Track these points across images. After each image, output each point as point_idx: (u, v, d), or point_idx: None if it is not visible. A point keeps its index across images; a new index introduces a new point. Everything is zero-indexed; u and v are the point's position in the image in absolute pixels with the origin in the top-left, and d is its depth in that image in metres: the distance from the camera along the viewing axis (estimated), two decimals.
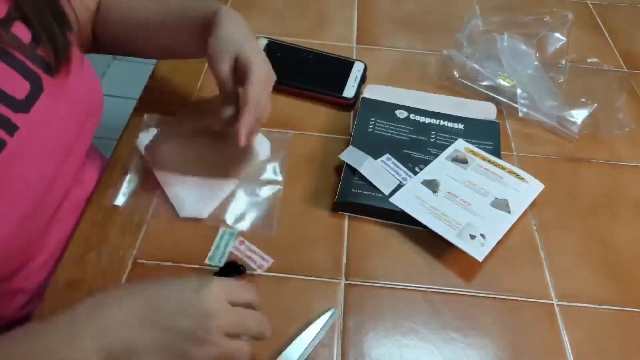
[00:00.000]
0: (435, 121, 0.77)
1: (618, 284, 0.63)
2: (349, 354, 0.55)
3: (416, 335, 0.57)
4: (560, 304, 0.60)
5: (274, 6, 0.99)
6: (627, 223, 0.69)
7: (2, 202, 0.51)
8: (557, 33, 0.88)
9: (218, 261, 0.60)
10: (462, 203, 0.66)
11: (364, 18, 0.98)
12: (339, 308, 0.58)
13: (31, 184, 0.54)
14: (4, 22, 0.52)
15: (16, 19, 0.53)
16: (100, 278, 0.58)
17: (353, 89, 0.81)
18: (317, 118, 0.79)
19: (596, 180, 0.74)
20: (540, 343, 0.57)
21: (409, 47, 0.93)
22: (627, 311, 0.60)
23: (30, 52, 0.54)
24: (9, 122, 0.50)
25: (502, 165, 0.71)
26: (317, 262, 0.62)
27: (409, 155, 0.72)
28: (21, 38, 0.53)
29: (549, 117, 0.80)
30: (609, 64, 0.93)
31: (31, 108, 0.53)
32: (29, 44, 0.54)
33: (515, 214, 0.66)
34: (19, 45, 0.53)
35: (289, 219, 0.66)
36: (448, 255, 0.63)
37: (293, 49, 0.87)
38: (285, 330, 0.55)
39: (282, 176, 0.70)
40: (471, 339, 0.57)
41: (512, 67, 0.84)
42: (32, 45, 0.54)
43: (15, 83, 0.52)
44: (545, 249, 0.65)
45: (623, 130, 0.80)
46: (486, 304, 0.60)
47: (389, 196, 0.66)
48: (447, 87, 0.85)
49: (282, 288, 0.59)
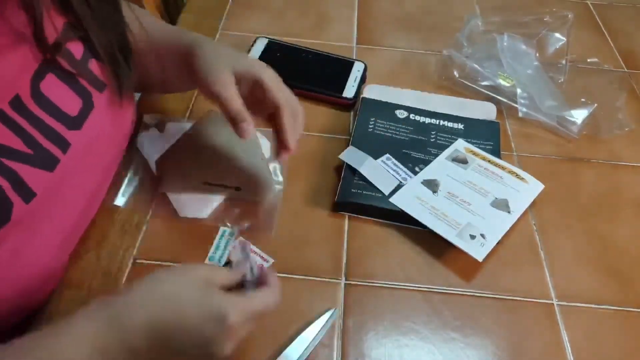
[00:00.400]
0: (435, 121, 0.77)
1: (618, 284, 0.63)
2: (349, 354, 0.55)
3: (416, 335, 0.57)
4: (560, 304, 0.60)
5: (274, 6, 0.99)
6: (627, 223, 0.69)
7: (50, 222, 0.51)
8: (557, 33, 0.88)
9: (218, 261, 0.60)
10: (462, 203, 0.66)
11: (364, 18, 0.98)
12: (339, 308, 0.58)
13: (76, 200, 0.54)
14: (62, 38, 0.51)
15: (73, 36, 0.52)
16: (100, 278, 0.58)
17: (353, 89, 0.81)
18: (317, 118, 0.79)
19: (596, 180, 0.74)
20: (540, 343, 0.57)
21: (409, 47, 0.93)
22: (627, 311, 0.60)
23: (83, 67, 0.53)
24: (62, 139, 0.50)
25: (502, 165, 0.71)
26: (317, 262, 0.62)
27: (409, 155, 0.72)
28: (73, 52, 0.53)
29: (549, 117, 0.80)
30: (609, 64, 0.93)
31: (83, 125, 0.53)
32: (81, 59, 0.53)
33: (515, 214, 0.66)
34: (72, 61, 0.52)
35: (289, 219, 0.66)
36: (448, 255, 0.63)
37: (293, 49, 0.87)
38: (285, 330, 0.55)
39: (282, 176, 0.70)
40: (471, 339, 0.57)
41: (512, 67, 0.84)
42: (83, 60, 0.53)
43: (68, 99, 0.51)
44: (545, 249, 0.65)
45: (623, 130, 0.80)
46: (486, 304, 0.60)
47: (389, 196, 0.66)
48: (447, 87, 0.85)
49: (282, 288, 0.59)
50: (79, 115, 0.52)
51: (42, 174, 0.48)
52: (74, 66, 0.52)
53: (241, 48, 0.86)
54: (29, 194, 0.47)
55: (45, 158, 0.49)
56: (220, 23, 0.94)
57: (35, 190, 0.47)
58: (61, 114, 0.50)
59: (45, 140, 0.49)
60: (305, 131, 0.76)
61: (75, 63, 0.52)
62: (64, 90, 0.51)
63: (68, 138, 0.51)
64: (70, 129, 0.51)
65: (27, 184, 0.47)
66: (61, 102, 0.51)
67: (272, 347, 0.54)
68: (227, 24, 0.94)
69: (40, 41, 0.46)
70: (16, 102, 0.47)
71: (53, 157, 0.49)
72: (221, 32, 0.92)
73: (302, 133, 0.62)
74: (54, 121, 0.50)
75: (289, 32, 0.93)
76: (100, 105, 0.55)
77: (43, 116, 0.49)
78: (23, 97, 0.47)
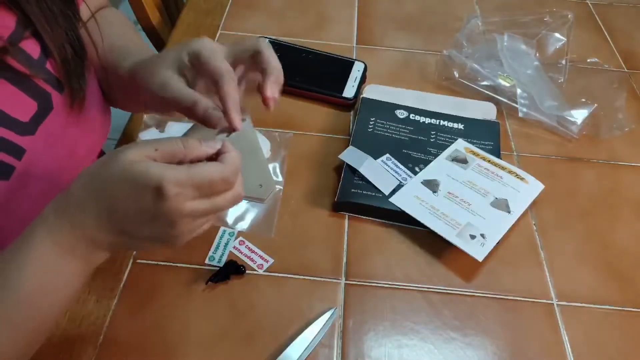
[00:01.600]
0: (435, 121, 0.77)
1: (618, 284, 0.63)
2: (349, 354, 0.55)
3: (416, 335, 0.57)
4: (560, 304, 0.60)
5: (274, 6, 0.99)
6: (627, 223, 0.69)
7: (12, 224, 0.49)
8: (557, 33, 0.88)
9: (218, 261, 0.60)
10: (462, 203, 0.66)
11: (364, 18, 0.98)
12: (339, 308, 0.58)
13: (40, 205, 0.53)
14: (13, 37, 0.49)
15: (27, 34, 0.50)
16: (100, 278, 0.58)
17: (353, 89, 0.81)
18: (317, 118, 0.79)
19: (596, 180, 0.74)
20: (540, 343, 0.57)
21: (409, 47, 0.93)
22: (627, 311, 0.60)
23: (40, 67, 0.51)
24: (14, 145, 0.49)
25: (502, 165, 0.71)
26: (317, 262, 0.62)
27: (409, 155, 0.72)
28: (30, 53, 0.50)
29: (549, 117, 0.80)
30: (609, 64, 0.93)
31: (37, 129, 0.51)
32: (38, 58, 0.51)
33: (515, 214, 0.66)
34: (27, 61, 0.50)
35: (289, 219, 0.66)
36: (448, 255, 0.63)
37: (293, 49, 0.87)
38: (285, 330, 0.55)
39: (282, 176, 0.70)
40: (471, 338, 0.57)
41: (512, 67, 0.84)
42: (41, 59, 0.51)
43: (20, 104, 0.49)
44: (545, 249, 0.65)
45: (623, 130, 0.80)
46: (486, 304, 0.60)
47: (388, 196, 0.66)
48: (447, 87, 0.85)
49: (282, 288, 0.59)
50: (31, 119, 0.50)
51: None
52: (29, 66, 0.49)
53: None
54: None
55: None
56: (220, 23, 0.94)
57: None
58: (11, 121, 0.48)
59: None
60: (305, 131, 0.76)
61: (31, 63, 0.50)
62: (14, 95, 0.49)
63: (21, 144, 0.49)
64: (21, 134, 0.49)
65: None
66: (10, 107, 0.48)
67: (272, 347, 0.54)
68: (227, 24, 0.94)
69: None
70: None
71: (6, 165, 0.48)
72: (221, 32, 0.92)
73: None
74: (3, 129, 0.48)
75: (289, 32, 0.93)
76: (61, 107, 0.53)
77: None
78: None
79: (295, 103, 0.81)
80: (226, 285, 0.59)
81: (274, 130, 0.75)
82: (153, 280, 0.59)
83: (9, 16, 0.49)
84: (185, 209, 0.39)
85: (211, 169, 0.40)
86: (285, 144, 0.74)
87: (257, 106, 0.52)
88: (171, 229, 0.40)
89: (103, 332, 0.55)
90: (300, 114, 0.79)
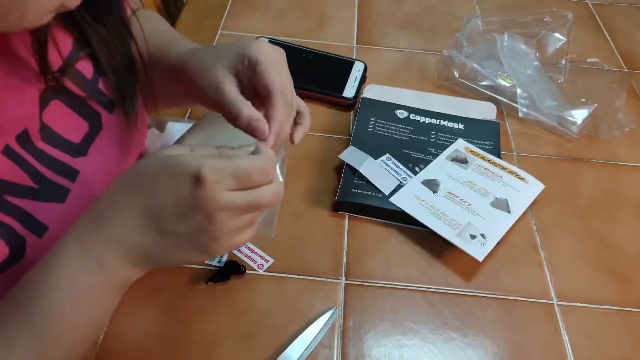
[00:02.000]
0: (435, 121, 0.77)
1: (618, 284, 0.63)
2: (349, 354, 0.55)
3: (416, 335, 0.57)
4: (560, 304, 0.60)
5: (274, 6, 0.99)
6: (626, 223, 0.69)
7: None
8: (557, 33, 0.88)
9: (218, 261, 0.60)
10: (462, 203, 0.66)
11: (364, 18, 0.98)
12: (339, 308, 0.58)
13: None
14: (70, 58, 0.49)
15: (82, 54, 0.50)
16: None
17: (353, 89, 0.81)
18: (317, 118, 0.79)
19: (596, 180, 0.74)
20: (540, 343, 0.57)
21: (409, 47, 0.93)
22: (627, 311, 0.60)
23: (93, 88, 0.51)
24: (69, 168, 0.49)
25: (502, 165, 0.71)
26: (317, 262, 0.62)
27: (409, 155, 0.72)
28: (83, 72, 0.50)
29: (549, 117, 0.80)
30: (609, 64, 0.93)
31: (89, 149, 0.51)
32: (91, 79, 0.51)
33: (515, 214, 0.66)
34: (82, 82, 0.50)
35: (289, 219, 0.66)
36: (448, 255, 0.63)
37: (293, 49, 0.87)
38: (285, 330, 0.55)
39: (282, 176, 0.70)
40: (471, 338, 0.57)
41: (512, 67, 0.84)
42: (93, 79, 0.51)
43: (72, 125, 0.50)
44: (545, 249, 0.65)
45: (623, 130, 0.80)
46: (486, 303, 0.60)
47: (389, 196, 0.66)
48: (447, 87, 0.85)
49: (282, 288, 0.59)
50: (82, 141, 0.50)
51: (52, 207, 0.47)
52: (83, 86, 0.50)
53: None
54: (41, 228, 0.46)
55: (53, 190, 0.47)
56: (220, 23, 0.94)
57: (47, 223, 0.46)
58: (65, 143, 0.49)
59: (50, 173, 0.47)
60: None
61: (85, 83, 0.50)
62: (68, 116, 0.49)
63: (75, 166, 0.49)
64: (75, 156, 0.49)
65: (37, 219, 0.46)
66: (64, 130, 0.49)
67: (272, 347, 0.54)
68: (227, 24, 0.94)
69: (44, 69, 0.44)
70: (24, 137, 0.45)
71: (61, 187, 0.48)
72: (221, 32, 0.92)
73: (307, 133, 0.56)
74: (59, 152, 0.48)
75: (289, 32, 0.93)
76: (109, 126, 0.53)
77: (46, 148, 0.47)
78: (31, 132, 0.45)
79: None
80: (226, 285, 0.59)
81: None
82: (153, 280, 0.59)
83: (66, 37, 0.49)
84: (223, 199, 0.38)
85: (250, 159, 0.40)
86: (286, 144, 0.73)
87: None
88: (209, 223, 0.38)
89: (103, 332, 0.55)
90: None
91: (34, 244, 0.45)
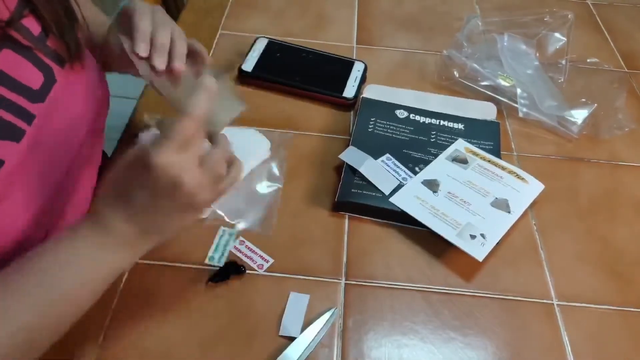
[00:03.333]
0: (435, 121, 0.77)
1: (618, 284, 0.63)
2: (349, 354, 0.55)
3: (416, 335, 0.57)
4: (560, 304, 0.60)
5: (274, 6, 0.99)
6: (627, 223, 0.69)
7: (22, 191, 0.51)
8: (557, 33, 0.88)
9: (218, 261, 0.60)
10: (462, 203, 0.66)
11: (364, 18, 0.98)
12: (339, 308, 0.58)
13: (49, 172, 0.55)
14: (16, 14, 0.52)
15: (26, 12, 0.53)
16: None
17: (353, 89, 0.81)
18: (317, 118, 0.79)
19: (596, 180, 0.74)
20: (540, 343, 0.57)
21: (409, 47, 0.93)
22: (627, 311, 0.60)
23: (40, 43, 0.54)
24: (26, 111, 0.51)
25: (502, 165, 0.71)
26: (317, 262, 0.62)
27: (409, 155, 0.72)
28: (30, 29, 0.54)
29: (549, 117, 0.80)
30: (609, 64, 0.93)
31: (46, 98, 0.54)
32: (39, 36, 0.54)
33: (515, 214, 0.66)
34: (30, 37, 0.53)
35: (289, 218, 0.66)
36: (448, 255, 0.63)
37: (293, 49, 0.87)
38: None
39: (282, 176, 0.70)
40: (471, 338, 0.57)
41: (512, 67, 0.84)
42: (41, 37, 0.54)
43: (29, 74, 0.52)
44: (545, 249, 0.65)
45: (623, 130, 0.80)
46: (486, 304, 0.60)
47: (389, 196, 0.66)
48: (447, 87, 0.85)
49: (282, 288, 0.59)
50: (41, 88, 0.53)
51: (7, 145, 0.49)
52: (31, 41, 0.53)
53: (241, 48, 0.86)
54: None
55: (9, 129, 0.50)
56: (220, 23, 0.94)
57: (3, 158, 0.49)
58: (22, 88, 0.51)
59: (6, 114, 0.49)
60: (305, 131, 0.76)
61: (33, 38, 0.53)
62: (23, 64, 0.52)
63: (31, 110, 0.52)
64: (33, 101, 0.52)
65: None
66: (21, 75, 0.51)
67: (272, 347, 0.54)
68: (227, 24, 0.94)
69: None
70: None
71: (17, 128, 0.50)
72: (221, 32, 0.92)
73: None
74: (15, 95, 0.50)
75: (289, 32, 0.93)
76: (62, 80, 0.56)
77: (2, 91, 0.50)
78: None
79: (295, 103, 0.81)
80: (226, 285, 0.59)
81: (274, 130, 0.75)
82: (153, 280, 0.59)
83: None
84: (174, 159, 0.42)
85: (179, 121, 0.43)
86: (285, 144, 0.74)
87: (257, 107, 0.52)
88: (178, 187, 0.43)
89: (103, 331, 0.55)
90: (300, 114, 0.79)
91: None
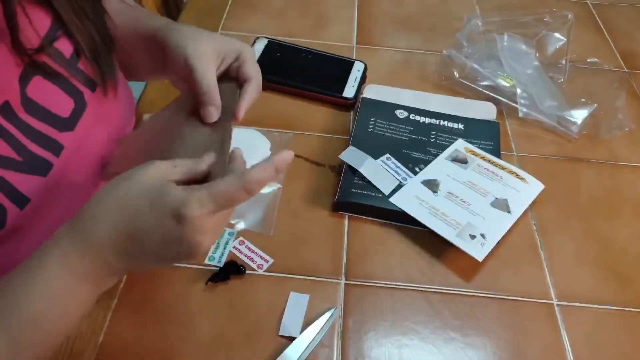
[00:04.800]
0: (435, 121, 0.77)
1: (618, 284, 0.63)
2: (349, 354, 0.55)
3: (416, 335, 0.57)
4: (560, 304, 0.60)
5: (274, 6, 0.99)
6: (627, 223, 0.69)
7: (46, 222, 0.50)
8: (557, 33, 0.88)
9: (218, 261, 0.60)
10: (462, 203, 0.66)
11: (364, 18, 0.98)
12: (339, 308, 0.58)
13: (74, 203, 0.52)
14: (48, 36, 0.50)
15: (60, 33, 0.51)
16: None
17: (353, 89, 0.81)
18: (317, 118, 0.79)
19: (596, 180, 0.74)
20: (540, 343, 0.57)
21: (409, 47, 0.93)
22: (627, 311, 0.60)
23: (72, 66, 0.52)
24: (55, 142, 0.49)
25: (502, 165, 0.71)
26: (317, 262, 0.62)
27: (409, 155, 0.72)
28: (62, 51, 0.51)
29: (549, 117, 0.80)
30: (609, 64, 0.93)
31: (77, 124, 0.52)
32: (70, 58, 0.52)
33: (515, 214, 0.66)
34: (61, 59, 0.51)
35: (288, 218, 0.66)
36: (448, 255, 0.63)
37: (293, 49, 0.87)
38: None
39: (282, 176, 0.70)
40: (471, 338, 0.57)
41: (512, 67, 0.84)
42: (73, 59, 0.52)
43: (60, 101, 0.50)
44: (545, 249, 0.65)
45: (623, 130, 0.80)
46: (486, 304, 0.60)
47: (389, 196, 0.66)
48: (447, 87, 0.85)
49: (282, 288, 0.59)
50: (71, 116, 0.51)
51: (34, 180, 0.48)
52: (64, 66, 0.51)
53: None
54: (23, 200, 0.47)
55: (36, 163, 0.48)
56: (220, 23, 0.94)
57: (29, 195, 0.47)
58: (51, 117, 0.49)
59: (34, 146, 0.48)
60: (305, 131, 0.76)
61: (65, 62, 0.51)
62: (53, 92, 0.50)
63: (60, 140, 0.50)
64: (61, 130, 0.50)
65: (19, 191, 0.46)
66: (51, 104, 0.49)
67: (272, 347, 0.54)
68: (227, 24, 0.94)
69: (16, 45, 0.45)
70: (5, 108, 0.45)
71: (45, 161, 0.49)
72: (221, 32, 0.92)
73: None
74: (44, 125, 0.49)
75: (289, 32, 0.93)
76: (93, 104, 0.54)
77: (31, 121, 0.47)
78: (13, 104, 0.46)
79: (295, 103, 0.81)
80: (226, 285, 0.59)
81: (274, 130, 0.75)
82: (153, 280, 0.59)
83: (43, 16, 0.50)
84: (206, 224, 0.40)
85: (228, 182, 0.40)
86: (285, 144, 0.74)
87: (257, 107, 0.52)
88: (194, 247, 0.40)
89: (103, 332, 0.55)
90: (300, 114, 0.79)
91: (15, 215, 0.46)
